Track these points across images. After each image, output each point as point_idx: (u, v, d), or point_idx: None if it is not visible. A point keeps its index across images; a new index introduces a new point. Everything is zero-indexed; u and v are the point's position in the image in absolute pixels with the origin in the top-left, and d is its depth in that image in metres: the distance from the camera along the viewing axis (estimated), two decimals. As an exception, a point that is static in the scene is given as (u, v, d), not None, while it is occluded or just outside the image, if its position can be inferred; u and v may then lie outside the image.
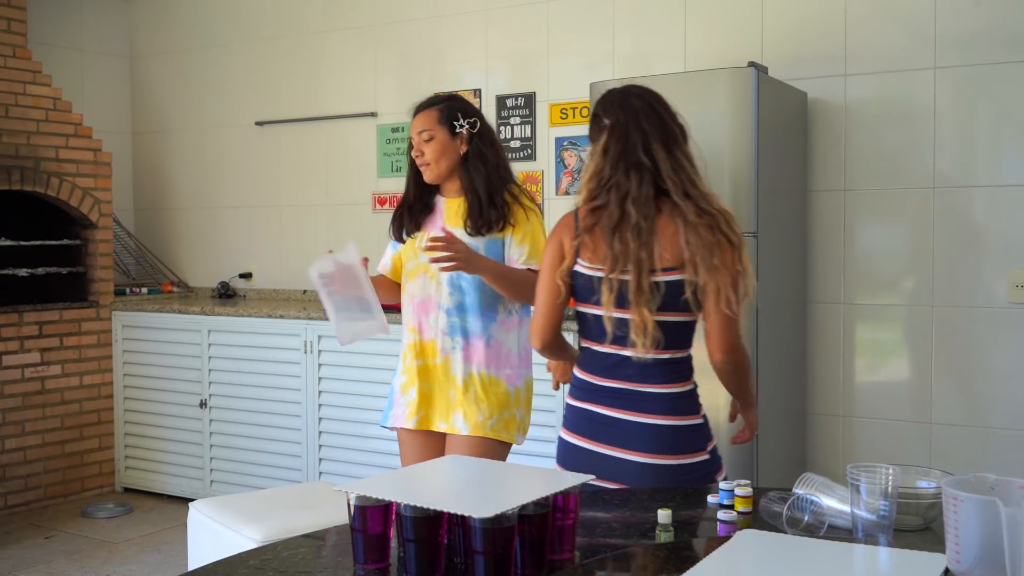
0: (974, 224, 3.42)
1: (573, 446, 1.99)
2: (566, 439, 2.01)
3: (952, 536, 1.19)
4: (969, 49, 3.40)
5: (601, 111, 1.97)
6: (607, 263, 1.89)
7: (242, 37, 5.21)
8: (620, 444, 1.90)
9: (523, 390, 2.64)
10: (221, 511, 2.68)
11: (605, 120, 1.95)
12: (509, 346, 2.62)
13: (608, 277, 1.88)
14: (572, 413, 2.01)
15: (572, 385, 2.03)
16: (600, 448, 1.93)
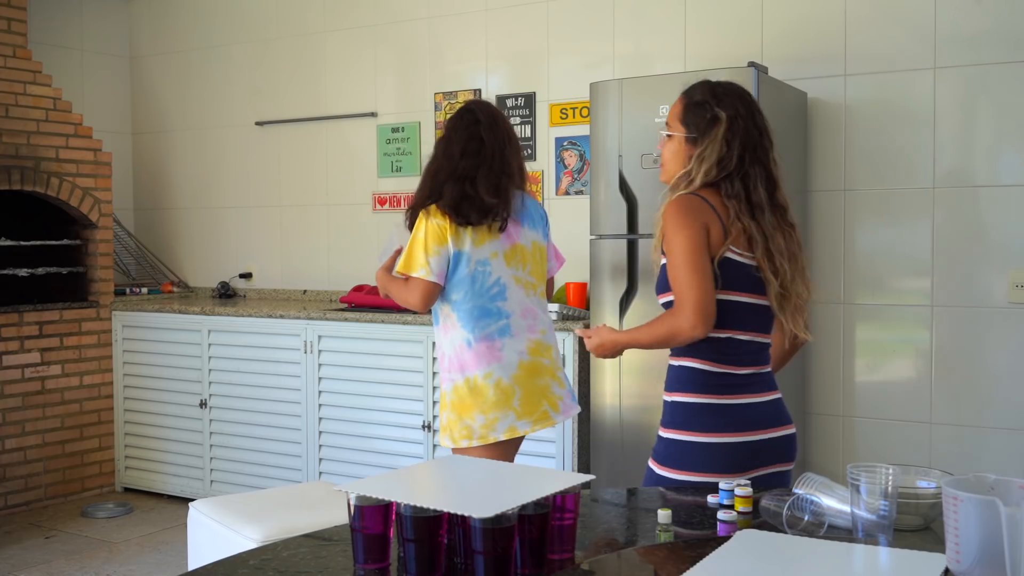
0: (974, 224, 3.42)
1: (748, 444, 1.92)
2: (733, 440, 1.91)
3: (952, 536, 1.19)
4: (969, 49, 3.40)
5: (714, 101, 2.01)
6: (766, 254, 1.96)
7: (242, 37, 5.21)
8: (786, 421, 2.01)
9: (450, 393, 2.63)
10: (221, 511, 2.68)
11: (721, 111, 1.99)
12: (443, 349, 2.66)
13: (770, 267, 1.96)
14: (719, 413, 1.93)
15: (696, 382, 1.96)
16: (777, 432, 1.97)
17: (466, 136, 2.60)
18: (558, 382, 2.70)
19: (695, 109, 2.02)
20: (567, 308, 3.69)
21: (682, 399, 1.98)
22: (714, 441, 1.91)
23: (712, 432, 1.92)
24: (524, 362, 2.63)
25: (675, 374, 2.02)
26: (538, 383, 2.64)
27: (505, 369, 2.59)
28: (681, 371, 2.00)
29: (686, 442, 1.93)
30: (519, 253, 2.66)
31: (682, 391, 1.98)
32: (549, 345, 2.71)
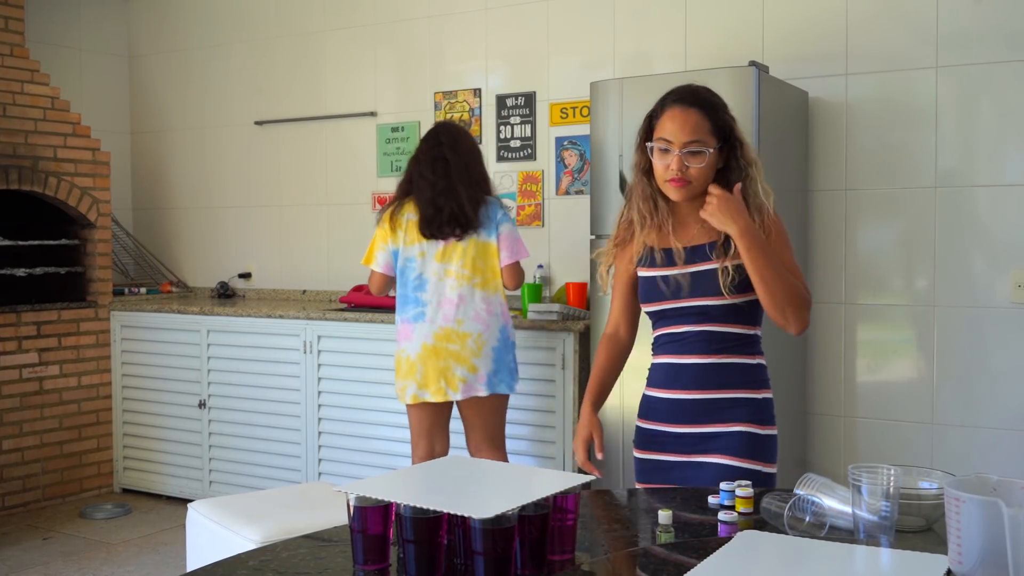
0: (976, 224, 3.41)
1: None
2: (776, 434, 2.01)
3: (954, 537, 1.19)
4: (970, 48, 3.39)
5: (721, 100, 2.01)
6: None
7: (242, 36, 5.21)
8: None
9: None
10: (220, 512, 2.67)
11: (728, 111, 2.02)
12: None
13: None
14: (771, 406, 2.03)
15: (765, 377, 2.02)
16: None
17: (431, 157, 3.15)
18: (466, 366, 3.15)
19: (721, 114, 1.98)
20: (567, 308, 3.68)
21: (769, 395, 2.02)
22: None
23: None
24: (428, 345, 3.16)
25: (756, 371, 2.00)
26: (439, 364, 3.16)
27: (413, 348, 3.18)
28: (760, 369, 2.01)
29: (775, 436, 2.01)
30: (453, 250, 3.14)
31: (767, 388, 2.02)
32: (466, 334, 3.15)
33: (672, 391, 2.00)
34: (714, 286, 1.94)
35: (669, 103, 1.97)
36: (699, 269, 1.97)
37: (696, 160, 1.93)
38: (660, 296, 2.00)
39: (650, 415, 2.05)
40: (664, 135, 1.95)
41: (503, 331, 3.24)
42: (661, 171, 1.96)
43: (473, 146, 3.25)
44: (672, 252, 2.00)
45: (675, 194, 1.97)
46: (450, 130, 3.26)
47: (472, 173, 3.16)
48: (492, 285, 3.21)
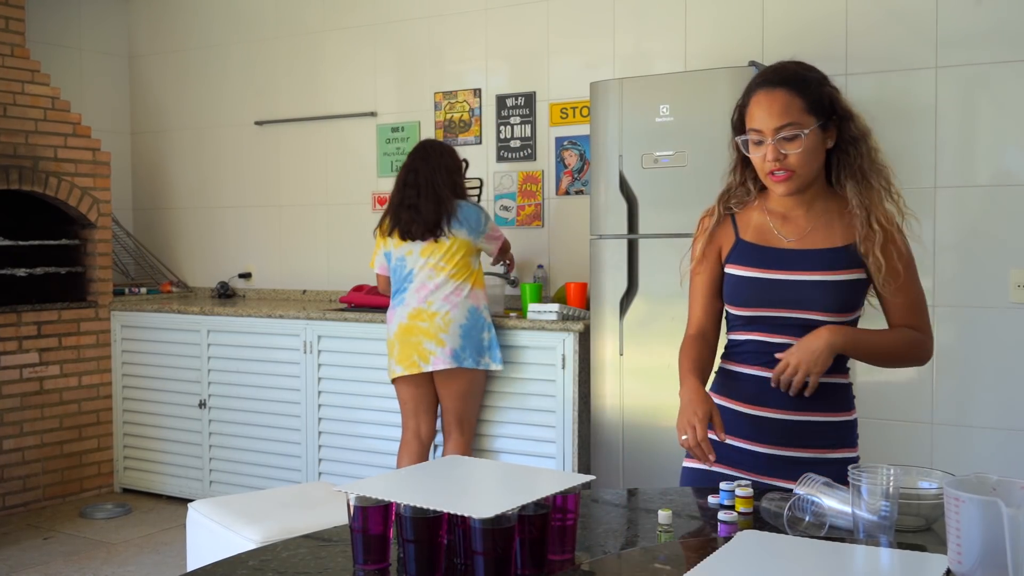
0: (976, 224, 3.41)
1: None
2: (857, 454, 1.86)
3: (954, 537, 1.19)
4: (970, 48, 3.39)
5: (820, 73, 1.81)
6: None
7: (242, 36, 5.21)
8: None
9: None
10: (220, 512, 2.67)
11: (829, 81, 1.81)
12: None
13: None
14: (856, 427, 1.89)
15: (853, 396, 1.88)
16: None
17: (404, 171, 3.61)
18: (434, 341, 3.48)
19: (815, 88, 1.76)
20: (567, 308, 3.69)
21: (856, 416, 1.86)
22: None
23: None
24: (403, 324, 3.54)
25: (844, 392, 1.84)
26: (411, 340, 3.52)
27: (391, 329, 3.60)
28: (851, 389, 1.85)
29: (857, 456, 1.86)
30: (436, 247, 3.52)
31: (854, 409, 1.86)
32: (435, 312, 3.50)
33: (757, 408, 1.79)
34: (827, 301, 1.74)
35: (754, 88, 1.78)
36: (814, 279, 1.76)
37: (793, 145, 1.72)
38: (754, 301, 1.79)
39: (730, 429, 1.80)
40: (753, 125, 1.76)
41: (472, 311, 3.53)
42: (760, 165, 1.77)
43: (439, 162, 3.57)
44: (777, 252, 1.79)
45: (780, 188, 1.76)
46: (425, 147, 3.66)
47: (436, 184, 3.53)
48: (464, 276, 3.55)
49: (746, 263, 1.81)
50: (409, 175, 3.58)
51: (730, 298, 1.85)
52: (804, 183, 1.77)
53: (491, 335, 3.58)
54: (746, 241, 1.83)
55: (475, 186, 4.38)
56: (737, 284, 1.82)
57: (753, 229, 1.84)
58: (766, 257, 1.80)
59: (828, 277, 1.75)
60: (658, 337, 3.30)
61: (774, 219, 1.83)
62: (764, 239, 1.82)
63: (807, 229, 1.80)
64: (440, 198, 3.53)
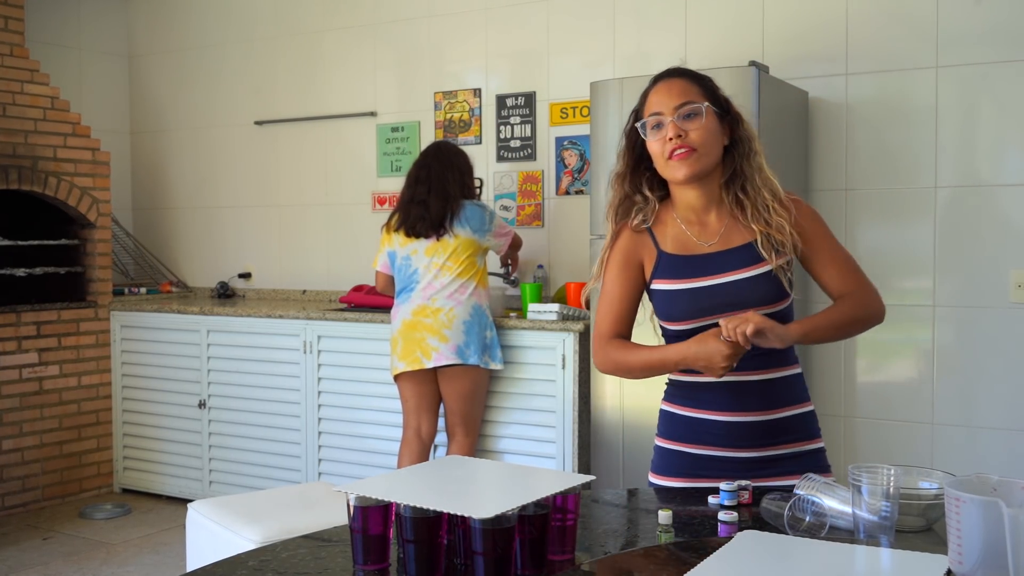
0: (976, 224, 3.41)
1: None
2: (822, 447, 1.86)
3: (954, 537, 1.18)
4: (970, 48, 3.39)
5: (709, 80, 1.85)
6: None
7: (241, 36, 5.20)
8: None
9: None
10: (220, 512, 2.67)
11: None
12: None
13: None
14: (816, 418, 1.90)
15: (806, 387, 1.88)
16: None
17: (415, 169, 3.64)
18: (439, 337, 3.49)
19: (710, 83, 1.83)
20: (567, 308, 3.68)
21: (812, 408, 1.86)
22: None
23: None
24: (407, 320, 3.55)
25: (799, 383, 1.82)
26: (414, 336, 3.53)
27: (395, 325, 3.61)
28: (800, 379, 1.84)
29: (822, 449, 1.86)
30: (441, 245, 3.54)
31: (809, 401, 1.85)
32: (438, 308, 3.51)
33: (734, 413, 1.76)
34: (763, 293, 1.73)
35: (650, 85, 1.84)
36: (746, 275, 1.74)
37: (693, 123, 1.73)
38: (693, 313, 1.76)
39: (697, 438, 1.79)
40: (653, 110, 1.77)
41: (476, 308, 3.55)
42: (659, 151, 1.75)
43: (452, 161, 3.61)
44: (700, 259, 1.77)
45: (680, 170, 1.73)
46: (439, 146, 3.71)
47: (446, 182, 3.55)
48: (470, 274, 3.56)
49: (673, 276, 1.79)
50: (421, 172, 3.60)
51: (665, 315, 1.81)
52: (705, 166, 1.75)
53: (493, 334, 3.59)
54: (668, 253, 1.80)
55: (475, 186, 4.38)
56: (669, 299, 1.79)
57: (672, 240, 1.81)
58: (691, 266, 1.78)
59: (752, 272, 1.75)
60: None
61: (689, 227, 1.81)
62: (685, 248, 1.80)
63: (721, 229, 1.79)
64: (448, 196, 3.55)
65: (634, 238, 1.85)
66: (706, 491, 1.67)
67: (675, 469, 1.82)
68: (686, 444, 1.81)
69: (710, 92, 1.80)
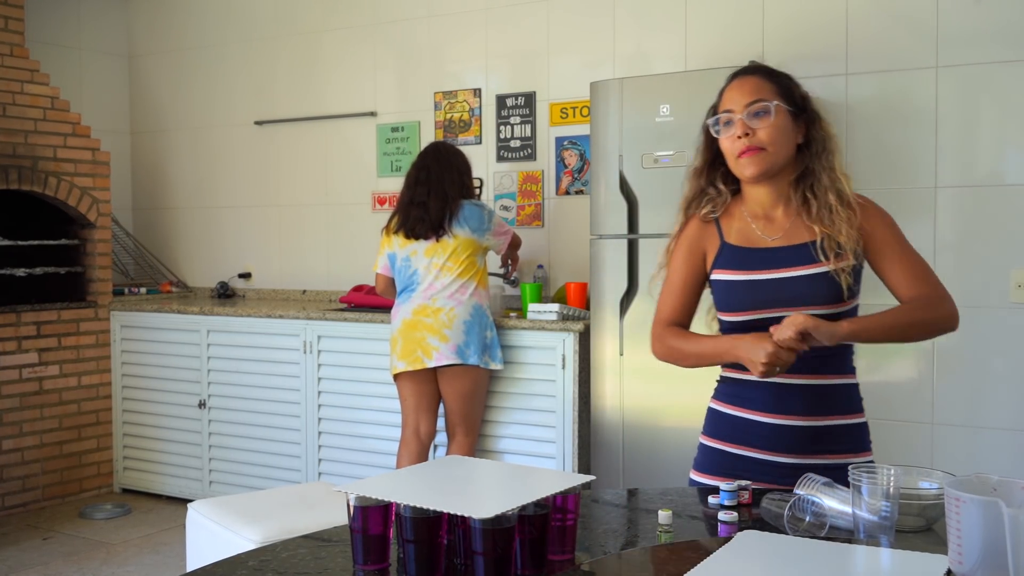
0: (976, 223, 3.41)
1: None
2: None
3: (954, 537, 1.18)
4: (970, 48, 3.39)
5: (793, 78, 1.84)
6: None
7: (241, 36, 5.20)
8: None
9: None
10: (220, 512, 2.67)
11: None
12: None
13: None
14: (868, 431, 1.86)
15: (861, 398, 1.85)
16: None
17: (415, 170, 3.64)
18: (439, 337, 3.50)
19: (786, 81, 1.80)
20: (567, 308, 3.69)
21: (864, 420, 1.83)
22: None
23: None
24: (407, 320, 3.56)
25: (851, 393, 1.81)
26: (414, 335, 3.53)
27: (395, 325, 3.62)
28: (854, 389, 1.82)
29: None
30: (440, 246, 3.54)
31: (861, 413, 1.82)
32: (439, 308, 3.52)
33: (776, 416, 1.75)
34: (820, 293, 1.72)
35: (727, 82, 1.82)
36: (804, 273, 1.74)
37: (762, 121, 1.73)
38: (749, 304, 1.76)
39: (738, 438, 1.80)
40: (725, 107, 1.78)
41: (476, 308, 3.55)
42: (729, 148, 1.77)
43: (450, 162, 3.61)
44: (762, 252, 1.77)
45: (749, 168, 1.75)
46: (438, 147, 3.70)
47: (445, 183, 3.56)
48: (470, 274, 3.57)
49: (734, 267, 1.80)
50: (421, 173, 3.60)
51: (723, 304, 1.82)
52: (773, 164, 1.76)
53: (493, 334, 3.60)
54: (731, 244, 1.82)
55: (475, 186, 4.38)
56: (727, 289, 1.80)
57: (736, 232, 1.83)
58: (753, 258, 1.78)
59: (817, 269, 1.73)
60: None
61: (755, 220, 1.82)
62: (748, 241, 1.81)
63: (787, 225, 1.79)
64: (447, 197, 3.55)
65: (700, 228, 1.87)
66: (706, 491, 1.67)
67: (717, 467, 1.82)
68: (729, 443, 1.82)
69: (784, 90, 1.78)
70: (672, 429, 3.29)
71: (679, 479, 2.96)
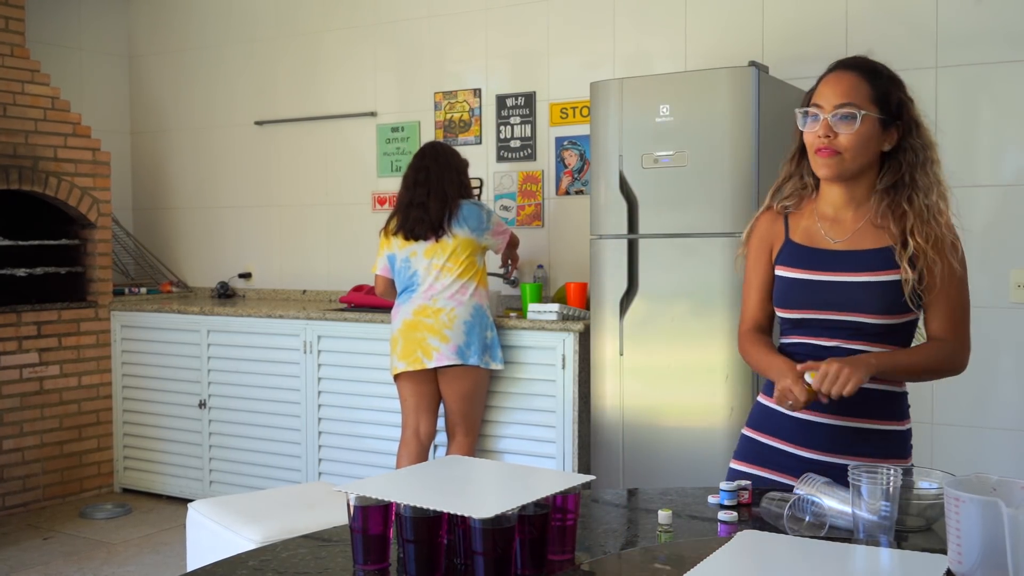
0: (976, 224, 3.41)
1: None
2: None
3: (954, 537, 1.19)
4: (970, 48, 3.39)
5: (896, 78, 1.84)
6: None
7: (241, 36, 5.20)
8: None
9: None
10: (220, 512, 2.67)
11: (907, 92, 1.82)
12: None
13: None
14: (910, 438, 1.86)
15: (908, 406, 1.84)
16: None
17: (413, 171, 3.63)
18: (439, 337, 3.50)
19: (887, 83, 1.77)
20: (567, 308, 3.69)
21: (910, 426, 1.83)
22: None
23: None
24: (408, 320, 3.56)
25: (894, 400, 1.78)
26: (416, 336, 3.53)
27: (395, 326, 3.62)
28: (905, 398, 1.80)
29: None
30: (440, 247, 3.54)
31: (908, 419, 1.83)
32: (439, 309, 3.52)
33: (805, 411, 1.73)
34: (874, 301, 1.70)
35: (828, 71, 1.78)
36: (861, 280, 1.72)
37: (846, 126, 1.69)
38: (804, 303, 1.76)
39: (768, 428, 1.82)
40: (816, 100, 1.74)
41: (477, 308, 3.56)
42: (810, 141, 1.74)
43: (449, 162, 3.62)
44: (824, 253, 1.77)
45: (822, 168, 1.73)
46: (435, 147, 3.70)
47: (444, 183, 3.56)
48: (470, 274, 3.57)
49: (794, 264, 1.79)
50: (420, 174, 3.60)
51: (779, 300, 1.83)
52: (849, 170, 1.74)
53: (493, 334, 3.60)
54: (794, 242, 1.81)
55: (475, 186, 4.38)
56: (785, 286, 1.81)
57: (802, 231, 1.82)
58: (813, 258, 1.77)
59: (875, 278, 1.71)
60: (658, 337, 3.29)
61: (823, 221, 1.81)
62: (812, 240, 1.80)
63: (854, 230, 1.77)
64: (446, 197, 3.56)
65: (770, 223, 1.88)
66: (706, 491, 1.67)
67: (752, 456, 1.84)
68: (760, 433, 1.84)
69: (880, 95, 1.75)
70: (672, 429, 3.29)
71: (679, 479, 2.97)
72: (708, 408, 3.17)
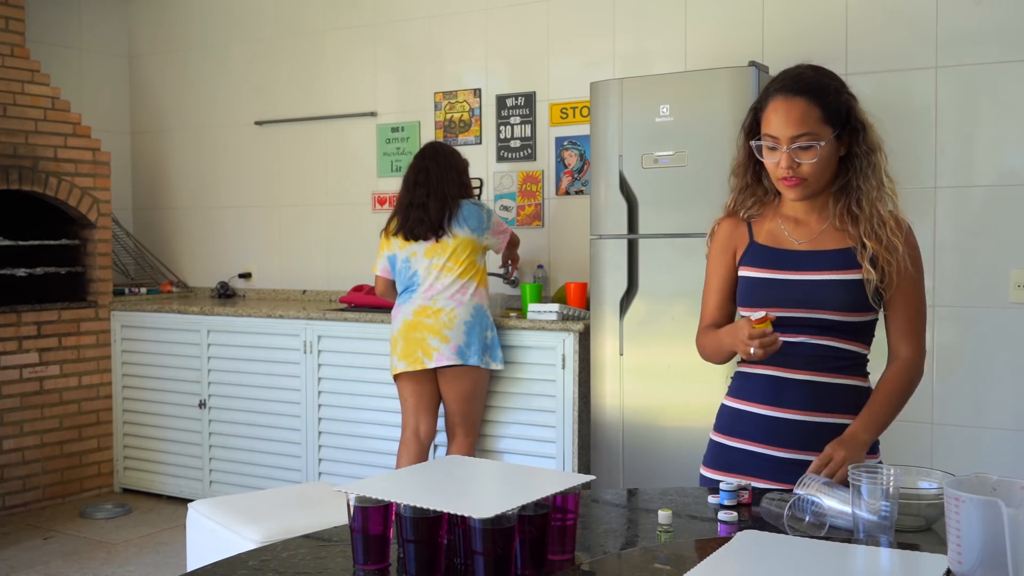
0: (976, 224, 3.41)
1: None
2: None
3: (954, 537, 1.19)
4: (970, 48, 3.39)
5: (838, 80, 1.82)
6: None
7: (241, 36, 5.20)
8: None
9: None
10: (220, 512, 2.67)
11: (847, 89, 1.81)
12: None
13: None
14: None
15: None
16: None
17: (413, 172, 3.63)
18: (440, 338, 3.50)
19: (833, 98, 1.76)
20: (567, 308, 3.69)
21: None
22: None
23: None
24: (408, 320, 3.56)
25: (858, 395, 1.81)
26: (415, 335, 3.53)
27: (395, 326, 3.62)
28: (862, 392, 1.82)
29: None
30: (440, 247, 3.54)
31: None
32: (440, 309, 3.52)
33: (773, 408, 1.78)
34: (839, 299, 1.74)
35: (772, 93, 1.77)
36: (825, 278, 1.76)
37: (807, 155, 1.73)
38: (768, 302, 1.78)
39: (737, 431, 1.84)
40: (769, 131, 1.75)
41: (477, 308, 3.55)
42: (773, 170, 1.79)
43: (449, 162, 3.61)
44: (788, 253, 1.80)
45: (791, 194, 1.78)
46: (435, 147, 3.70)
47: (444, 184, 3.56)
48: (471, 274, 3.57)
49: (759, 264, 1.83)
50: (420, 175, 3.60)
51: (744, 300, 1.85)
52: (815, 191, 1.79)
53: (493, 334, 3.60)
54: (759, 244, 1.85)
55: (475, 186, 4.38)
56: (751, 285, 1.83)
57: (766, 233, 1.86)
58: (778, 259, 1.81)
59: (839, 276, 1.75)
60: (658, 337, 3.30)
61: (787, 223, 1.85)
62: (776, 242, 1.84)
63: (818, 231, 1.81)
64: (447, 197, 3.55)
65: (732, 228, 1.91)
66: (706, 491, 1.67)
67: (720, 462, 1.86)
68: (729, 437, 1.86)
69: (831, 112, 1.75)
70: (672, 429, 3.29)
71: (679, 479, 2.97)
72: (708, 408, 3.14)
